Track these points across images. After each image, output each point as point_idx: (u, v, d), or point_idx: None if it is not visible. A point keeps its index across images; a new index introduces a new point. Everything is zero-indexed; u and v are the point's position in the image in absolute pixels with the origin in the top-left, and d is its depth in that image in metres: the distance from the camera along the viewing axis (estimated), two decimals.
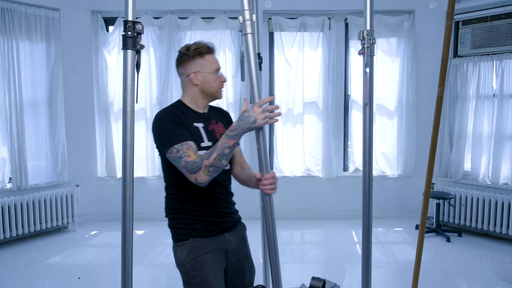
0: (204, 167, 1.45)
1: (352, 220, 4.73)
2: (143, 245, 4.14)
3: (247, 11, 1.44)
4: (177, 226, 1.67)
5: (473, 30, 4.65)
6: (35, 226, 4.35)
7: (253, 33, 1.45)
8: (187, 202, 1.63)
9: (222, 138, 1.48)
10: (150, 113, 4.92)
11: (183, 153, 1.49)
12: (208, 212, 1.65)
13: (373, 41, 1.66)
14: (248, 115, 1.44)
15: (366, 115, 1.72)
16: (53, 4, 4.57)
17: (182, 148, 1.50)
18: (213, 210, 1.66)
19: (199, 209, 1.64)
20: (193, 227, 1.63)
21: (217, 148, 1.46)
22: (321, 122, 5.07)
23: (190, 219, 1.64)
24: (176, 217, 1.66)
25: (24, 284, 3.37)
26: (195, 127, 1.64)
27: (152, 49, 4.89)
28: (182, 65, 1.67)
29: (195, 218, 1.64)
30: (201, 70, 1.64)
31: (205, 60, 1.65)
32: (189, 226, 1.64)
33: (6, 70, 4.18)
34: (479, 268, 3.64)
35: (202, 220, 1.64)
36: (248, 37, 1.44)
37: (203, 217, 1.64)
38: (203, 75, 1.64)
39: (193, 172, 1.46)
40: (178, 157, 1.49)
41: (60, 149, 4.69)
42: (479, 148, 4.59)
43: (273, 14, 4.97)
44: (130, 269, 1.38)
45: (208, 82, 1.65)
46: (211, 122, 1.70)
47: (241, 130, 1.45)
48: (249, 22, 1.44)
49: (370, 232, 1.76)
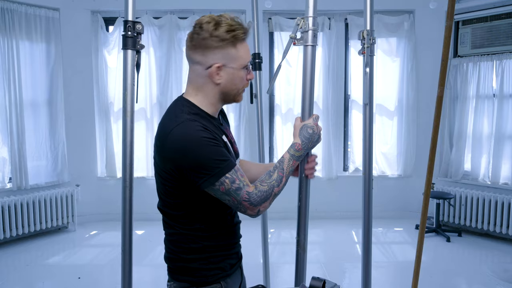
0: (273, 196, 1.19)
1: (352, 220, 4.73)
2: (143, 245, 4.14)
3: (311, 18, 1.24)
4: (202, 267, 1.28)
5: (473, 30, 4.65)
6: (35, 226, 4.35)
7: (314, 45, 1.25)
8: (212, 238, 1.28)
9: (287, 159, 1.25)
10: (150, 113, 4.92)
11: (240, 183, 1.15)
12: (230, 245, 1.34)
13: (373, 41, 1.66)
14: (313, 132, 1.26)
15: (366, 115, 1.72)
16: (53, 4, 4.57)
17: (237, 177, 1.16)
18: (234, 239, 1.37)
19: (223, 243, 1.31)
20: (221, 266, 1.30)
21: (285, 171, 1.23)
22: (321, 122, 5.06)
23: (218, 257, 1.30)
24: (202, 257, 1.28)
25: (24, 284, 3.37)
26: (224, 141, 1.26)
27: (152, 49, 4.89)
28: (200, 49, 1.18)
29: (220, 253, 1.30)
30: (229, 64, 1.19)
31: (237, 51, 1.19)
32: (217, 265, 1.29)
33: (6, 70, 4.18)
34: (479, 268, 3.64)
35: (226, 254, 1.33)
36: (308, 49, 1.25)
37: (228, 250, 1.33)
38: (230, 71, 1.20)
39: (259, 203, 1.17)
40: (235, 189, 1.15)
41: (60, 149, 4.68)
42: (479, 148, 4.59)
43: (273, 14, 4.97)
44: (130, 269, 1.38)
45: (234, 81, 1.22)
46: (225, 129, 1.34)
47: (306, 150, 1.27)
48: (312, 32, 1.23)
49: (370, 232, 1.76)
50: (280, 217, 4.73)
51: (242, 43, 1.20)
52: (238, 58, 1.19)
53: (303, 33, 1.22)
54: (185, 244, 1.27)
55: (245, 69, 1.22)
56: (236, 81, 1.22)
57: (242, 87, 1.25)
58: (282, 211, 4.85)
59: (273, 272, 3.07)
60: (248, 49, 1.23)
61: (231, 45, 1.17)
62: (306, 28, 1.23)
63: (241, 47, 1.19)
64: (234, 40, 1.17)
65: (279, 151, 5.09)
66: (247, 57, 1.22)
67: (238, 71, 1.21)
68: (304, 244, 1.31)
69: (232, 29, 1.17)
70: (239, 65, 1.20)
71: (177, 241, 1.29)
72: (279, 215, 4.67)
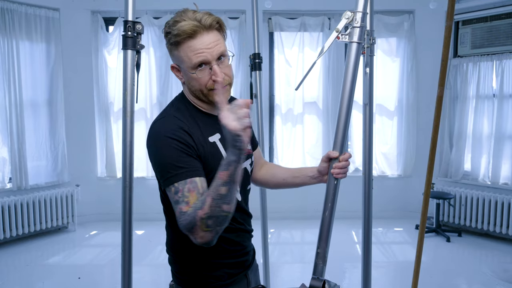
0: (200, 220, 1.00)
1: (352, 220, 4.71)
2: (143, 245, 4.14)
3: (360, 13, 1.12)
4: (193, 274, 1.24)
5: (473, 30, 4.65)
6: (35, 226, 4.35)
7: (360, 43, 1.14)
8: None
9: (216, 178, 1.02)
10: (150, 113, 4.92)
11: (180, 198, 1.05)
12: (229, 252, 1.26)
13: (373, 41, 1.66)
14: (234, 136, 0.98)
15: (366, 115, 1.72)
16: (53, 4, 4.57)
17: (183, 190, 1.06)
18: (238, 248, 1.28)
19: (221, 249, 1.22)
20: (216, 274, 1.24)
21: (211, 189, 1.01)
22: (321, 122, 5.07)
23: (213, 265, 1.23)
24: (191, 262, 1.23)
25: (24, 284, 3.37)
26: (211, 143, 1.18)
27: (152, 49, 4.89)
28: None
29: (216, 261, 1.24)
30: (180, 65, 1.18)
31: (179, 52, 1.14)
32: (211, 273, 1.23)
33: (6, 70, 4.18)
34: (479, 268, 3.63)
35: (224, 264, 1.25)
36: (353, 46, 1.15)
37: (226, 259, 1.25)
38: (185, 72, 1.17)
39: (186, 228, 1.03)
40: (174, 201, 1.07)
41: (60, 149, 4.68)
42: (479, 148, 4.59)
43: (273, 14, 4.97)
44: (130, 269, 1.38)
45: (190, 81, 1.18)
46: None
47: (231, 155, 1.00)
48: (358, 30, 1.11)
49: (370, 232, 1.76)
50: (280, 217, 4.73)
51: (184, 44, 1.12)
52: (182, 60, 1.15)
53: (351, 29, 1.12)
54: (179, 248, 1.25)
55: (199, 69, 1.13)
56: (192, 82, 1.17)
57: (205, 86, 1.15)
58: (282, 211, 4.87)
59: (273, 272, 3.07)
60: (197, 48, 1.11)
61: (174, 48, 1.15)
62: (354, 24, 1.13)
63: (182, 49, 1.13)
64: (174, 43, 1.13)
65: (279, 151, 5.09)
66: (193, 58, 1.12)
67: (189, 72, 1.15)
68: (325, 256, 1.15)
69: (168, 31, 1.15)
70: (186, 66, 1.15)
71: (172, 245, 1.28)
72: (279, 215, 4.67)
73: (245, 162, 1.28)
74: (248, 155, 1.30)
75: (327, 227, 1.19)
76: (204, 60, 1.12)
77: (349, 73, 1.18)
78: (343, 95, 1.20)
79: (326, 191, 1.22)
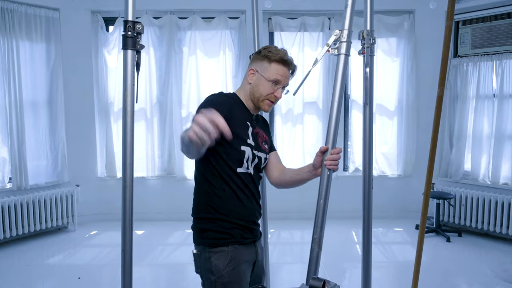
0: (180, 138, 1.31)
1: (352, 220, 4.72)
2: (143, 245, 4.14)
3: (346, 31, 1.38)
4: (212, 228, 1.52)
5: (473, 30, 4.65)
6: (35, 226, 4.35)
7: (347, 55, 1.39)
8: (223, 201, 1.51)
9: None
10: (150, 113, 4.92)
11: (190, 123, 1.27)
12: (245, 217, 1.55)
13: (373, 41, 1.66)
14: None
15: (366, 115, 1.72)
16: (53, 4, 4.57)
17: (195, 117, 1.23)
18: (251, 217, 1.58)
19: (236, 210, 1.53)
20: (232, 232, 1.52)
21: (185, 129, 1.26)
22: (321, 122, 5.07)
23: (230, 223, 1.52)
24: (213, 219, 1.52)
25: (24, 284, 3.37)
26: (245, 124, 1.57)
27: (152, 49, 4.89)
28: (252, 60, 1.64)
29: (233, 221, 1.52)
30: (260, 72, 1.58)
31: (270, 66, 1.57)
32: (227, 230, 1.51)
33: (6, 70, 4.18)
34: (479, 268, 3.63)
35: (239, 225, 1.54)
36: (341, 58, 1.39)
37: (241, 221, 1.54)
38: (260, 77, 1.58)
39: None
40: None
41: (60, 149, 4.69)
42: (479, 148, 4.59)
43: (273, 14, 4.97)
44: (130, 269, 1.38)
45: (259, 86, 1.58)
46: (255, 127, 1.63)
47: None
48: (345, 44, 1.38)
49: (370, 232, 1.75)
50: (280, 217, 4.73)
51: (277, 64, 1.56)
52: (268, 70, 1.56)
53: (339, 43, 1.38)
54: (199, 203, 1.55)
55: (272, 83, 1.56)
56: (260, 87, 1.57)
57: (265, 95, 1.57)
58: (282, 211, 4.86)
59: (273, 272, 3.07)
60: (280, 72, 1.57)
61: (267, 61, 1.57)
62: (342, 39, 1.39)
63: (274, 66, 1.56)
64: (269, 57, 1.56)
65: (279, 151, 5.06)
66: (277, 75, 1.56)
67: (264, 80, 1.56)
68: (320, 241, 1.36)
69: (270, 50, 1.58)
70: (266, 76, 1.56)
71: (198, 207, 1.56)
72: (279, 215, 4.67)
73: (261, 154, 1.65)
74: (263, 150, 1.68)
75: (321, 213, 1.36)
76: (279, 80, 1.58)
77: (338, 79, 1.39)
78: (333, 97, 1.40)
79: (320, 181, 1.40)
